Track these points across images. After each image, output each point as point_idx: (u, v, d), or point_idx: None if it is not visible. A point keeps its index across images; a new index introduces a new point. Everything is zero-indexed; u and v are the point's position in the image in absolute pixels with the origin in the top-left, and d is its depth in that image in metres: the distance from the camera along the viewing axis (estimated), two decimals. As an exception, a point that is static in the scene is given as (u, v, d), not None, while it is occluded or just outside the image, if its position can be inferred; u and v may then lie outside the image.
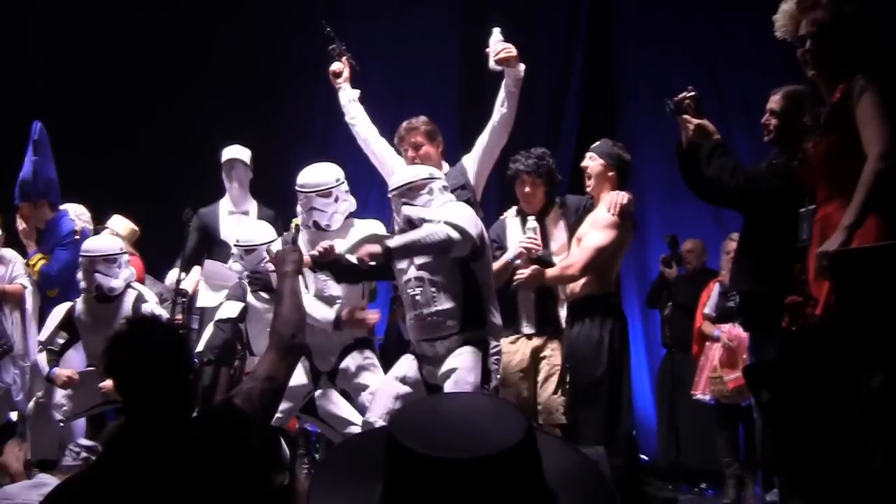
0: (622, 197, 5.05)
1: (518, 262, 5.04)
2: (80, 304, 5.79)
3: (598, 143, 5.33)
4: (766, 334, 4.17)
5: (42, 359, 5.80)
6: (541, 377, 5.26)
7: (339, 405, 5.34)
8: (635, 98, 9.26)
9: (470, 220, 4.56)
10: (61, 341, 5.83)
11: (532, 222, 5.14)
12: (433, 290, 4.59)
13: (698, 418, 7.13)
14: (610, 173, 5.17)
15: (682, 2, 9.05)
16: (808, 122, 3.69)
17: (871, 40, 3.53)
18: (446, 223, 4.45)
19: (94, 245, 5.86)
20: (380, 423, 4.62)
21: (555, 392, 5.18)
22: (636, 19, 9.35)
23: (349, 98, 5.51)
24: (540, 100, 9.17)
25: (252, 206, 6.49)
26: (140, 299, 5.78)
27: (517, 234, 5.27)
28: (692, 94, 4.25)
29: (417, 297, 4.63)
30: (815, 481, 3.21)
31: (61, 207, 6.56)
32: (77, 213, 6.64)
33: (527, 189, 5.33)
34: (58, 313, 5.84)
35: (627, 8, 9.43)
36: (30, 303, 6.24)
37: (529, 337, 5.29)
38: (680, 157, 4.36)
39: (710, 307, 6.75)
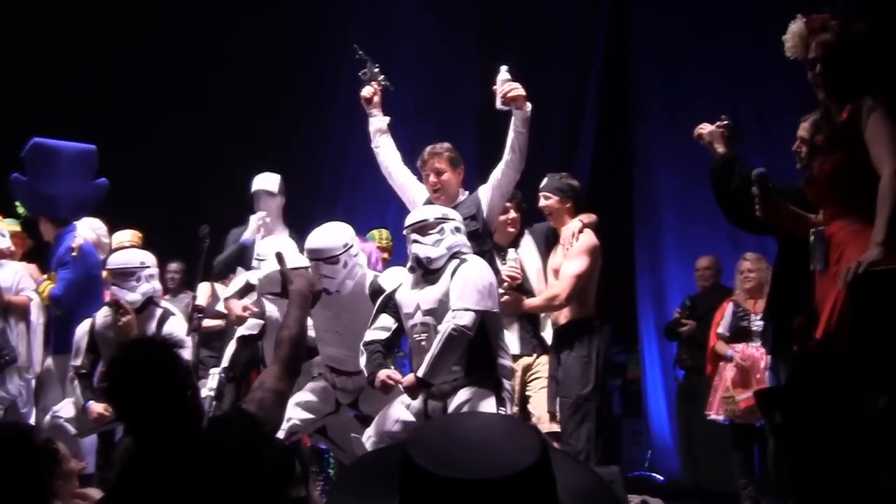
0: (573, 229, 5.35)
1: (500, 290, 5.10)
2: (100, 318, 5.78)
3: (545, 181, 5.58)
4: (786, 358, 4.18)
5: (77, 386, 5.73)
6: (534, 390, 5.40)
7: (347, 426, 5.35)
8: (651, 117, 9.25)
9: (477, 287, 4.51)
10: (88, 362, 5.76)
11: (513, 253, 5.34)
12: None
13: (715, 439, 7.08)
14: (567, 205, 5.49)
15: (697, 20, 9.03)
16: (819, 142, 3.64)
17: (882, 59, 3.48)
18: (454, 310, 4.46)
19: (112, 259, 5.89)
20: (374, 440, 4.68)
21: (547, 403, 5.31)
22: (651, 38, 9.33)
23: (378, 127, 5.44)
24: (555, 119, 9.19)
25: (284, 233, 6.47)
26: (165, 315, 5.77)
27: (496, 265, 5.35)
28: (725, 122, 4.19)
29: (423, 343, 4.59)
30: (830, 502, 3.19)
31: (78, 222, 6.59)
32: (93, 227, 6.66)
33: (512, 215, 5.53)
34: (83, 333, 5.79)
35: (643, 27, 9.43)
36: (35, 315, 6.24)
37: (517, 357, 5.35)
38: (715, 184, 4.30)
39: (723, 326, 6.72)
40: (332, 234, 5.07)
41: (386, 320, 4.77)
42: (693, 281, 7.69)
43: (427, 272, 4.66)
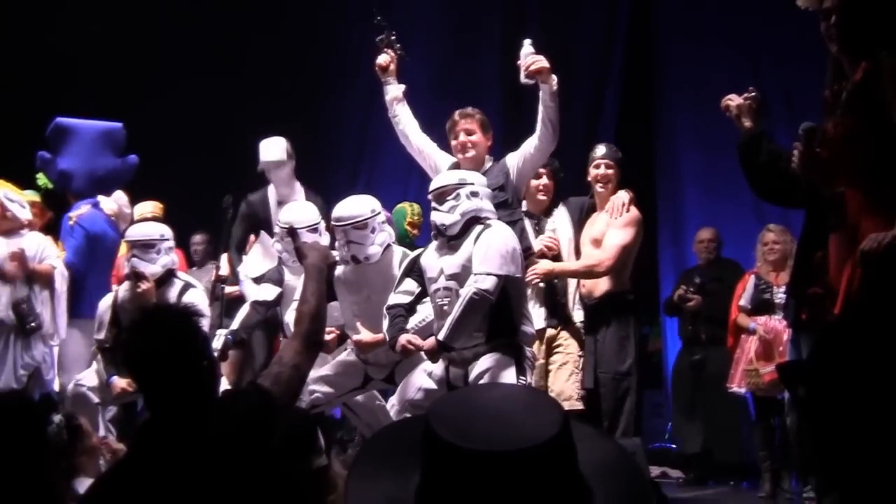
0: (623, 199, 5.38)
1: (533, 258, 5.14)
2: (122, 292, 5.84)
3: (603, 150, 5.59)
4: (809, 333, 4.14)
5: (100, 360, 5.80)
6: (555, 365, 5.38)
7: (370, 397, 5.39)
8: (674, 90, 9.20)
9: (500, 252, 4.51)
10: (112, 336, 5.81)
11: (551, 223, 5.36)
12: None
13: (724, 411, 7.06)
14: (619, 176, 5.53)
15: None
16: (828, 98, 3.44)
17: None
18: (476, 274, 4.46)
19: (132, 231, 5.95)
20: (397, 408, 4.73)
21: (568, 379, 5.31)
22: (677, 12, 9.27)
23: (394, 95, 5.34)
24: (579, 92, 9.14)
25: (300, 196, 6.51)
26: (186, 287, 5.81)
27: (529, 232, 5.36)
28: (753, 94, 3.98)
29: (445, 308, 4.59)
30: (852, 479, 3.16)
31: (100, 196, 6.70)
32: (115, 198, 6.81)
33: (544, 181, 5.50)
34: (105, 307, 5.87)
35: (668, 1, 9.37)
36: (59, 283, 6.32)
37: (543, 329, 5.35)
38: (742, 159, 4.21)
39: (745, 299, 6.69)
40: (358, 202, 5.13)
41: (410, 284, 4.79)
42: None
43: (448, 238, 4.67)
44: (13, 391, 5.24)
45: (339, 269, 5.18)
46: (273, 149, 6.44)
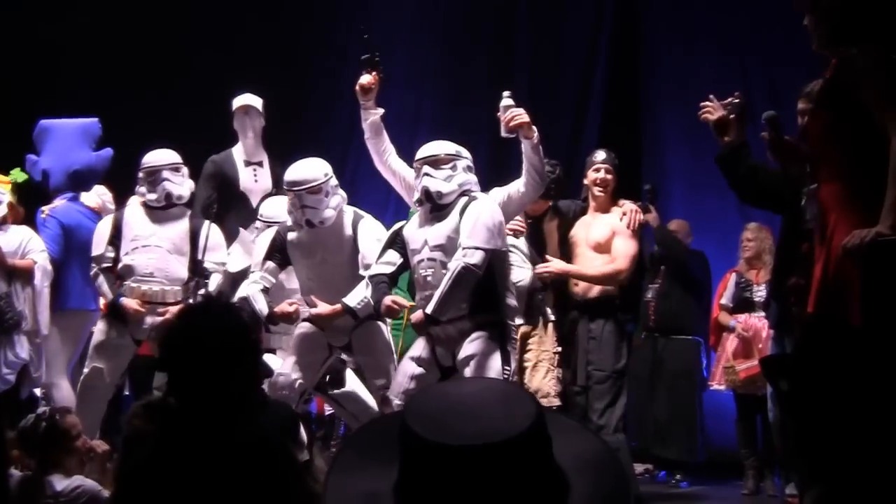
0: (640, 215, 5.57)
1: (545, 272, 5.36)
2: (127, 210, 5.88)
3: (603, 155, 5.68)
4: (791, 334, 4.18)
5: (102, 282, 5.78)
6: (529, 364, 5.49)
7: (353, 387, 5.40)
8: (660, 87, 9.20)
9: (487, 226, 4.58)
10: (111, 255, 5.80)
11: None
12: (445, 271, 4.60)
13: (677, 406, 6.97)
14: (616, 182, 5.68)
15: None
16: (815, 91, 3.46)
17: (886, 9, 3.14)
18: (464, 248, 4.52)
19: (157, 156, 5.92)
20: (396, 401, 4.74)
21: (545, 377, 5.44)
22: (664, 9, 9.27)
23: (372, 122, 5.17)
24: (565, 90, 9.14)
25: (265, 157, 6.55)
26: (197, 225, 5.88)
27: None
28: (737, 101, 3.98)
29: (429, 279, 4.65)
30: (835, 473, 3.16)
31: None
32: (99, 193, 6.84)
33: None
34: (104, 227, 5.88)
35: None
36: (39, 278, 6.28)
37: (518, 327, 5.37)
38: (722, 171, 4.18)
39: (727, 297, 6.75)
40: (312, 165, 5.14)
41: (392, 255, 4.84)
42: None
43: (435, 207, 4.69)
44: None
45: (292, 234, 5.19)
46: (254, 97, 6.58)
